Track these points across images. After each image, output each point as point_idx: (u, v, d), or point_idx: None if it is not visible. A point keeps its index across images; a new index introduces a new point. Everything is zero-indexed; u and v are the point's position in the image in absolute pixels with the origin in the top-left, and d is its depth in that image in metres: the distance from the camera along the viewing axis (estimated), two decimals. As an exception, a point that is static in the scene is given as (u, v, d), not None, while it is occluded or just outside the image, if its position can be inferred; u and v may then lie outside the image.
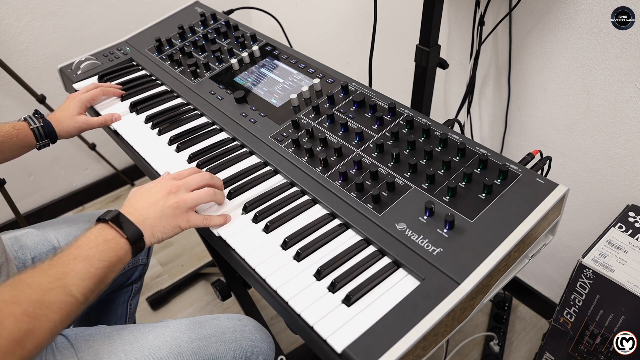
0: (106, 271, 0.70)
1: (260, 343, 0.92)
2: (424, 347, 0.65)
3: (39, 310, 0.61)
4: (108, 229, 0.74)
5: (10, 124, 1.03)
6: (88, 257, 0.69)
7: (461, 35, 1.41)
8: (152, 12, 1.97)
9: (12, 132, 1.02)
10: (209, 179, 0.86)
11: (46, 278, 0.65)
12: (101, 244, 0.71)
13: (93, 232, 0.73)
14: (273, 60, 1.19)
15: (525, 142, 1.40)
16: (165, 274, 1.92)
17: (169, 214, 0.79)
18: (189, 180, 0.84)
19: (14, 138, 1.02)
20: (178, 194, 0.81)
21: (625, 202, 1.19)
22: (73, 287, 0.66)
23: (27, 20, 1.78)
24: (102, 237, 0.72)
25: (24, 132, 1.04)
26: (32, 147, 1.07)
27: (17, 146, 1.04)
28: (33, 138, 1.05)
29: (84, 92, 1.14)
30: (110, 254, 0.71)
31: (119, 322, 1.28)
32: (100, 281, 0.70)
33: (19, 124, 1.04)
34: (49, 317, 0.62)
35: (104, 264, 0.70)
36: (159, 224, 0.78)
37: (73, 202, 2.21)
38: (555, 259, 1.49)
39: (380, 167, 0.86)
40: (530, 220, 0.73)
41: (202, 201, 0.83)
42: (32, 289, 0.63)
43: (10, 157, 1.04)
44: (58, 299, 0.64)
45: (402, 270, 0.73)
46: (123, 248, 0.74)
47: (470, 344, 1.56)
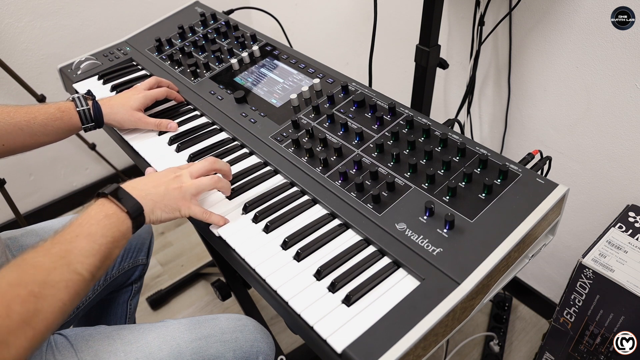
0: (110, 247, 0.70)
1: (260, 343, 0.92)
2: (424, 347, 0.65)
3: (45, 290, 0.61)
4: (108, 204, 0.73)
5: (55, 105, 1.00)
6: (90, 233, 0.68)
7: (461, 35, 1.41)
8: (152, 12, 1.97)
9: (56, 115, 0.98)
10: (212, 162, 0.86)
11: (49, 257, 0.64)
12: (102, 220, 0.70)
13: (93, 208, 0.72)
14: (273, 60, 1.19)
15: (525, 142, 1.40)
16: (165, 274, 1.93)
17: (171, 196, 0.79)
18: (193, 165, 0.85)
19: (58, 120, 0.98)
20: (182, 178, 0.82)
21: (625, 202, 1.19)
22: (78, 264, 0.65)
23: (27, 20, 1.78)
24: (102, 213, 0.71)
25: (69, 114, 1.00)
26: (78, 129, 1.03)
27: (61, 129, 1.00)
28: (78, 120, 1.01)
29: (149, 88, 1.10)
30: (112, 229, 0.71)
31: (119, 322, 1.28)
32: (106, 257, 0.69)
33: (65, 105, 1.00)
34: (57, 296, 0.62)
35: (107, 240, 0.69)
36: (161, 202, 0.78)
37: (73, 202, 2.21)
38: (555, 259, 1.49)
39: (380, 167, 0.86)
40: (530, 220, 0.73)
41: (205, 188, 0.83)
42: (36, 269, 0.62)
43: (55, 139, 1.01)
44: (63, 278, 0.63)
45: (402, 270, 0.73)
46: (124, 223, 0.73)
47: (470, 344, 1.56)
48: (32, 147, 1.00)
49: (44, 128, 0.97)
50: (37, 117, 0.96)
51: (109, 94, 1.21)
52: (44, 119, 0.97)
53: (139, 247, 1.22)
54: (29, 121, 0.95)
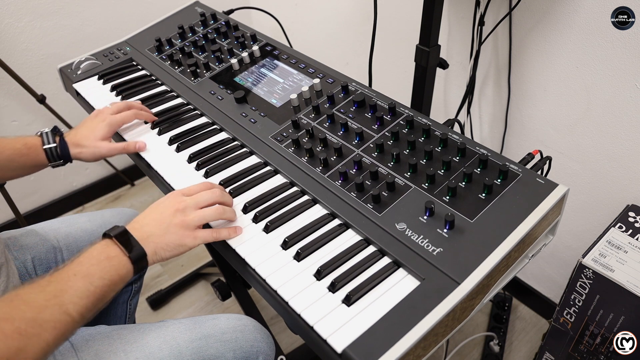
0: (106, 289, 0.69)
1: (260, 343, 0.91)
2: (424, 347, 0.65)
3: (32, 329, 0.60)
4: (112, 246, 0.73)
5: (22, 140, 0.97)
6: (89, 274, 0.68)
7: (461, 35, 1.41)
8: (152, 12, 1.97)
9: (22, 151, 0.96)
10: (219, 196, 0.83)
11: (43, 295, 0.63)
12: (103, 261, 0.70)
13: (96, 248, 0.72)
14: (273, 60, 1.19)
15: (525, 142, 1.40)
16: (165, 274, 1.92)
17: (174, 232, 0.77)
18: (198, 197, 0.82)
19: (25, 157, 0.96)
20: (185, 211, 0.79)
21: (625, 202, 1.19)
22: (70, 305, 0.64)
23: (27, 20, 1.78)
24: (104, 254, 0.71)
25: (36, 152, 0.97)
26: (45, 166, 1.00)
27: (27, 165, 0.98)
28: (45, 158, 0.99)
29: (115, 112, 1.04)
30: (111, 272, 0.70)
31: (119, 322, 1.28)
32: (99, 300, 0.68)
33: (32, 141, 0.98)
34: (42, 336, 0.61)
35: (104, 282, 0.69)
36: (162, 242, 0.76)
37: (73, 202, 2.21)
38: (555, 259, 1.49)
39: (380, 167, 0.86)
40: (530, 220, 0.73)
41: (209, 219, 0.81)
42: (28, 306, 0.61)
43: (22, 174, 0.99)
44: (53, 318, 0.62)
45: (402, 270, 0.73)
46: (125, 267, 0.72)
47: (470, 344, 1.56)
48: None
49: (9, 163, 0.95)
50: (3, 151, 0.94)
51: (109, 94, 1.21)
52: (10, 154, 0.95)
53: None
54: None
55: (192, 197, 0.82)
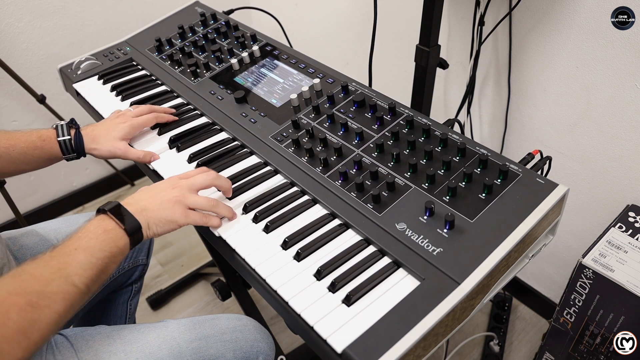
0: (107, 261, 0.71)
1: (260, 343, 0.92)
2: (424, 347, 0.65)
3: (43, 301, 0.62)
4: (107, 220, 0.74)
5: (36, 133, 0.97)
6: (89, 247, 0.69)
7: (461, 35, 1.41)
8: (152, 12, 1.97)
9: (36, 143, 0.96)
10: (214, 178, 0.85)
11: (48, 269, 0.65)
12: (101, 235, 0.72)
13: (93, 223, 0.73)
14: (273, 60, 1.19)
15: (525, 142, 1.40)
16: (165, 274, 1.93)
17: (167, 208, 0.79)
18: (192, 179, 0.83)
19: (39, 149, 0.96)
20: (180, 189, 0.81)
21: (625, 202, 1.19)
22: (75, 277, 0.66)
23: (27, 20, 1.78)
24: (101, 228, 0.73)
25: (50, 144, 0.97)
26: (59, 159, 1.00)
27: (42, 158, 0.97)
28: (59, 150, 0.98)
29: (137, 115, 1.04)
30: (110, 245, 0.72)
31: (119, 322, 1.28)
32: (102, 271, 0.70)
33: (46, 134, 0.97)
34: (53, 308, 0.63)
35: (104, 254, 0.70)
36: (155, 217, 0.78)
37: (73, 202, 2.21)
38: (555, 259, 1.49)
39: (380, 167, 0.86)
40: (530, 220, 0.73)
41: (201, 206, 0.82)
42: (35, 280, 0.63)
43: (36, 167, 0.99)
44: (61, 289, 0.64)
45: (402, 270, 0.73)
46: (122, 239, 0.74)
47: (470, 344, 1.56)
48: (13, 174, 0.99)
49: (23, 156, 0.95)
50: (17, 144, 0.94)
51: (109, 94, 1.21)
52: (24, 147, 0.95)
53: (139, 247, 1.22)
54: (8, 148, 0.93)
55: (187, 179, 0.84)
